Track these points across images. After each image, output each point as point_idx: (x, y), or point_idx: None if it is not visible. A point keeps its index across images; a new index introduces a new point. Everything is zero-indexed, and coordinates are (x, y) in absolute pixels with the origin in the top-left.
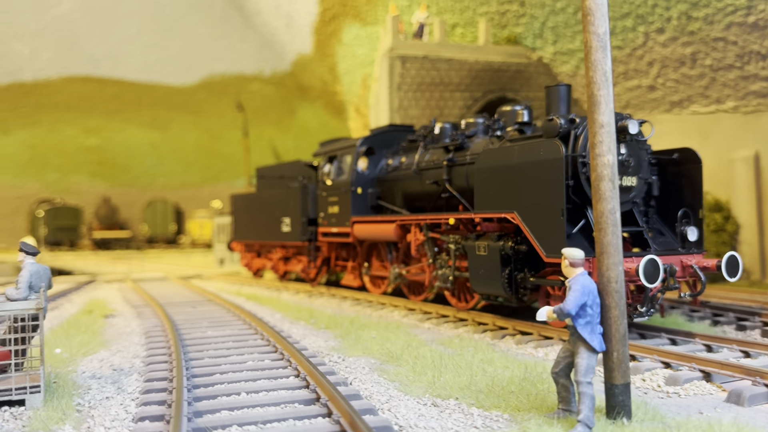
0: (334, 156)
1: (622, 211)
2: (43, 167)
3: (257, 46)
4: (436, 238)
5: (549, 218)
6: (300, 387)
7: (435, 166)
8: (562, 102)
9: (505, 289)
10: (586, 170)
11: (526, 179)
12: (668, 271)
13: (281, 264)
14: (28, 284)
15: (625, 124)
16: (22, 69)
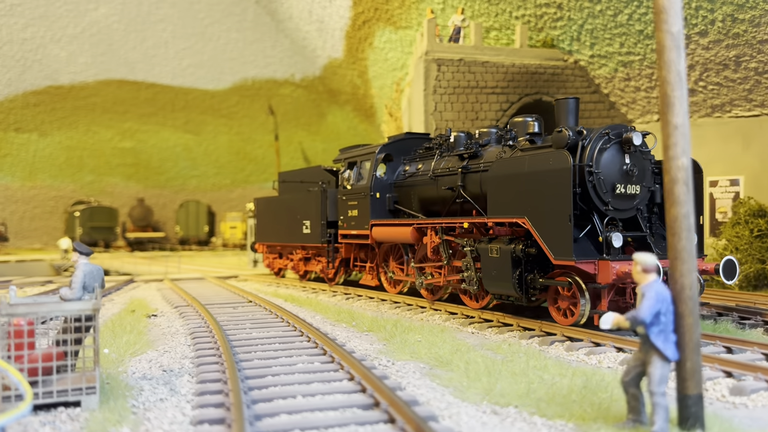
0: (354, 162)
1: (627, 218)
2: (79, 169)
3: (288, 50)
4: (450, 241)
5: (557, 223)
6: (355, 391)
7: (450, 173)
8: (570, 114)
9: (515, 289)
10: (592, 179)
11: (536, 187)
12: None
13: (301, 264)
14: (82, 284)
15: (629, 136)
16: (59, 72)
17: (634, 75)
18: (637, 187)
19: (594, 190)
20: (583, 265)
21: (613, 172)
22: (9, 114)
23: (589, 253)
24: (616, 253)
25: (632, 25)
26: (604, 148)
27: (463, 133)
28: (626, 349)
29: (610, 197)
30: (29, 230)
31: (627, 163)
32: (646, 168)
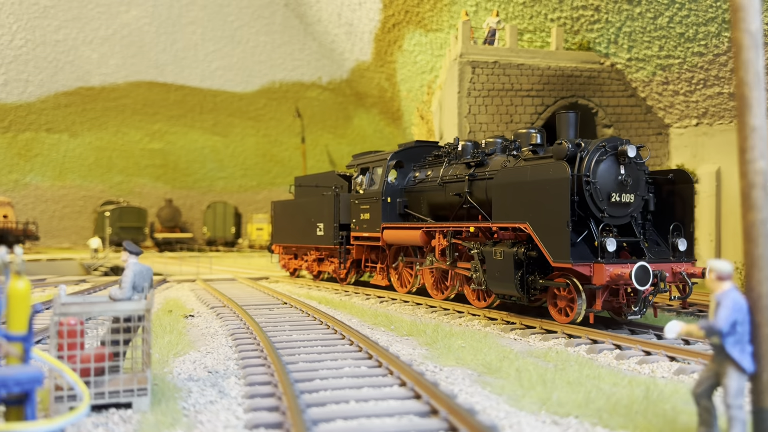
0: (366, 168)
1: (622, 224)
2: (108, 169)
3: (316, 54)
4: (457, 244)
5: (556, 228)
6: (408, 397)
7: (457, 180)
8: (570, 127)
9: (517, 290)
10: (590, 188)
11: (537, 195)
12: (659, 276)
13: (315, 265)
14: (132, 284)
15: (624, 149)
16: (91, 74)
17: (673, 79)
18: (632, 195)
19: (591, 198)
20: (580, 268)
21: (609, 181)
22: (41, 114)
23: (585, 256)
24: (610, 257)
25: (672, 27)
26: (600, 160)
27: (470, 142)
28: (679, 358)
29: (606, 205)
30: (58, 229)
31: (622, 174)
32: (640, 178)
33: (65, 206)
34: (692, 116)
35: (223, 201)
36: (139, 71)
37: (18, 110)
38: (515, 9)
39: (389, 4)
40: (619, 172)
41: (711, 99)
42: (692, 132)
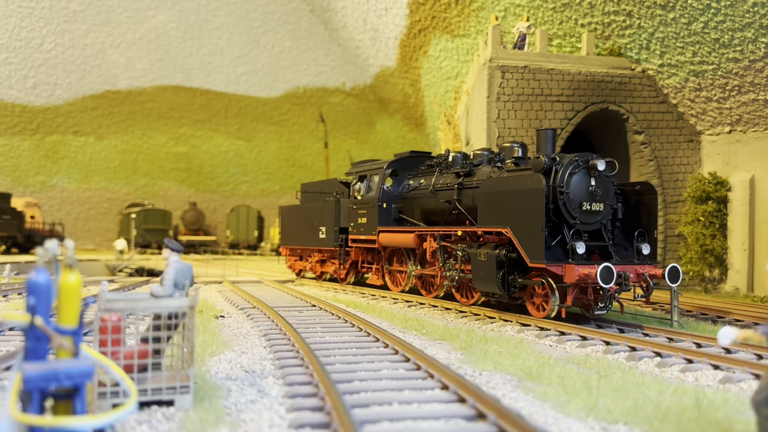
0: (364, 175)
1: (592, 230)
2: (133, 172)
3: (340, 59)
4: (446, 246)
5: (533, 233)
6: (452, 401)
7: (447, 188)
8: (548, 143)
9: (499, 288)
10: (563, 197)
11: (517, 202)
12: (623, 277)
13: (318, 266)
14: (173, 281)
15: (594, 163)
16: (118, 77)
17: (706, 85)
18: (601, 204)
19: (564, 206)
20: (553, 268)
21: (581, 192)
22: (68, 117)
23: (558, 258)
24: (579, 259)
25: (707, 33)
26: (573, 172)
27: (459, 153)
28: (723, 366)
29: (578, 213)
30: (83, 231)
31: (592, 185)
32: (609, 189)
33: (91, 208)
34: (725, 123)
35: (246, 205)
36: (165, 75)
37: (46, 113)
38: (545, 14)
39: (416, 9)
40: (590, 183)
41: (745, 106)
42: (725, 139)
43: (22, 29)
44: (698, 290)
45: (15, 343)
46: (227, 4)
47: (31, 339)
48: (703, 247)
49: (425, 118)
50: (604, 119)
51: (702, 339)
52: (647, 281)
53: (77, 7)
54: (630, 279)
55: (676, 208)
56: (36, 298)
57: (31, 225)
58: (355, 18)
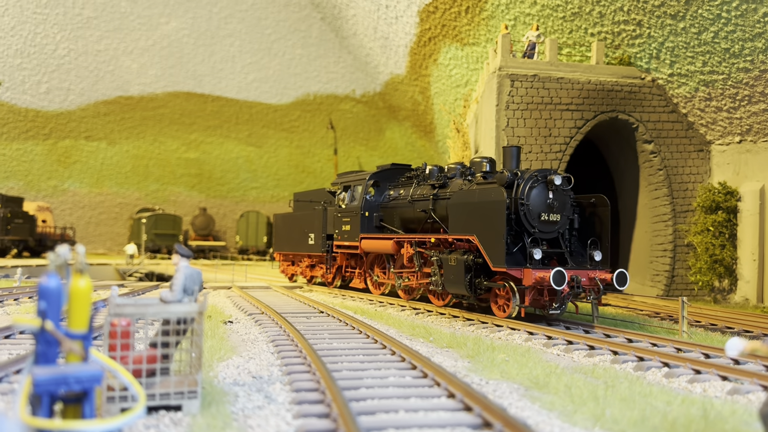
0: (348, 186)
1: (550, 239)
2: (144, 177)
3: (350, 67)
4: (422, 252)
5: (496, 240)
6: (458, 409)
7: (424, 199)
8: (513, 159)
9: (467, 290)
10: (524, 209)
11: (482, 213)
12: (575, 280)
13: (308, 270)
14: (183, 287)
15: (552, 178)
16: (130, 83)
17: (716, 95)
18: (558, 215)
19: (524, 217)
20: (513, 272)
21: (540, 204)
22: (81, 122)
23: (518, 263)
24: (536, 264)
25: (717, 43)
26: (533, 186)
27: (435, 167)
28: (731, 378)
29: (537, 223)
30: (94, 235)
31: (550, 198)
32: (566, 202)
33: (102, 212)
34: (735, 133)
35: (255, 210)
36: (177, 82)
37: (59, 118)
38: (555, 23)
39: (426, 18)
40: (548, 196)
41: (756, 116)
42: (735, 149)
43: (36, 35)
44: (707, 300)
45: (25, 347)
46: (239, 12)
47: (42, 343)
48: (713, 257)
49: (434, 125)
50: (614, 128)
51: (710, 350)
52: (597, 285)
53: (91, 14)
54: (582, 282)
55: (685, 218)
56: (47, 303)
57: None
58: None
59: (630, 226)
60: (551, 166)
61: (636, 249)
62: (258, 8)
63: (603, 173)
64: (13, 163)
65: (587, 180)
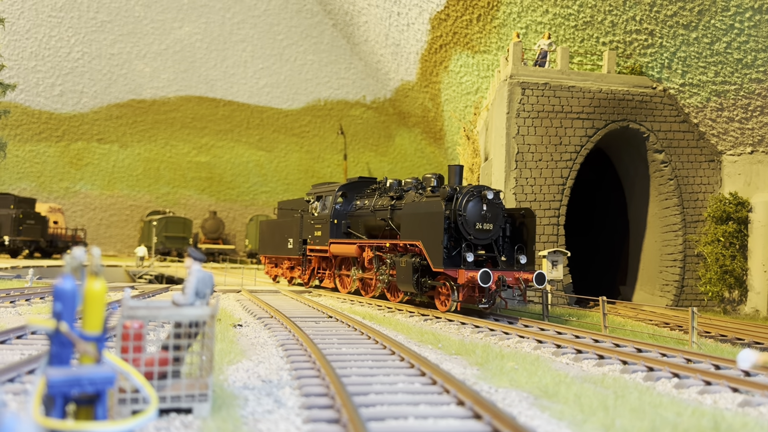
0: (320, 196)
1: (486, 244)
2: (155, 180)
3: (361, 73)
4: (380, 255)
5: (436, 245)
6: (468, 417)
7: (383, 209)
8: (456, 176)
9: (415, 288)
10: (461, 219)
11: (426, 222)
12: (501, 279)
13: (288, 272)
14: (195, 290)
15: (485, 193)
16: (143, 87)
17: (728, 105)
18: (491, 224)
19: (462, 225)
20: (450, 272)
21: (475, 214)
22: (93, 125)
23: (455, 264)
24: (469, 265)
25: (730, 53)
26: (470, 200)
27: (395, 180)
28: (742, 389)
29: (473, 231)
30: (105, 237)
31: (484, 210)
32: (499, 213)
33: (113, 215)
34: (747, 144)
35: (265, 215)
36: (189, 86)
37: (72, 120)
38: (567, 32)
39: (437, 25)
40: (482, 208)
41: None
42: (746, 160)
43: (51, 38)
44: (717, 311)
45: (37, 347)
46: (252, 17)
47: (56, 344)
48: (723, 268)
49: (444, 132)
50: (625, 137)
51: (721, 361)
52: (521, 284)
53: (105, 18)
54: (508, 281)
55: (695, 228)
56: (62, 304)
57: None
58: (377, 32)
59: (640, 236)
60: (561, 175)
61: (646, 259)
62: (270, 14)
63: (613, 182)
64: (26, 165)
65: (598, 189)
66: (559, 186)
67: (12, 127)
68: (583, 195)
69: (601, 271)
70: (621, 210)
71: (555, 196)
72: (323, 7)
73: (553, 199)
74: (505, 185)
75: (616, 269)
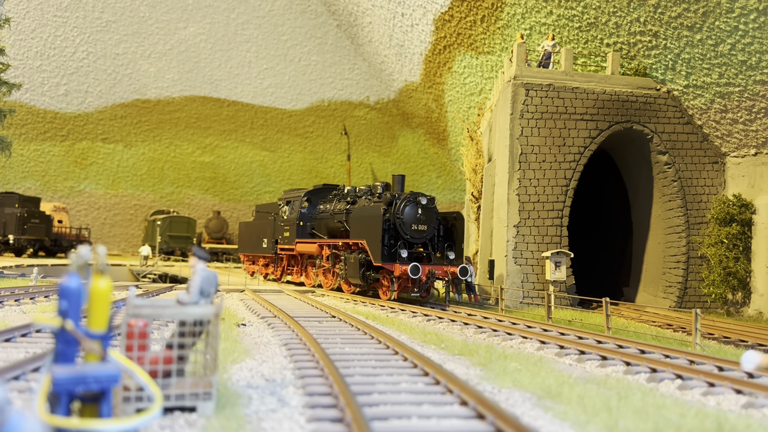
0: (289, 201)
1: (421, 242)
2: (159, 180)
3: (365, 74)
4: (336, 253)
5: (376, 243)
6: (471, 417)
7: (340, 212)
8: (399, 185)
9: (361, 280)
10: (399, 221)
11: (369, 223)
12: (431, 272)
13: (263, 268)
14: (199, 289)
15: (419, 199)
16: (147, 87)
17: (732, 107)
18: (426, 226)
19: (400, 227)
20: (387, 266)
21: (411, 217)
22: (98, 124)
23: (391, 259)
24: (403, 261)
25: (734, 55)
26: (406, 205)
27: (352, 188)
28: (745, 391)
29: (409, 231)
30: (109, 236)
31: (419, 213)
32: (432, 216)
33: (117, 214)
34: (751, 145)
35: None
36: (194, 86)
37: (76, 120)
38: (570, 33)
39: (441, 26)
40: (418, 212)
41: None
42: (750, 161)
43: (56, 38)
44: (720, 313)
45: (41, 345)
46: (256, 18)
47: (62, 342)
48: (726, 270)
49: (448, 133)
50: (628, 139)
51: (724, 363)
52: (449, 276)
53: (110, 18)
54: (437, 274)
55: (699, 230)
56: (67, 302)
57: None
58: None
59: (643, 237)
60: (565, 176)
61: (649, 260)
62: (275, 15)
63: (617, 184)
64: (31, 164)
65: (601, 190)
66: (562, 187)
67: (17, 126)
68: (587, 196)
69: (604, 273)
70: (624, 211)
71: (558, 197)
72: (327, 8)
73: (557, 200)
74: (508, 186)
75: (619, 271)
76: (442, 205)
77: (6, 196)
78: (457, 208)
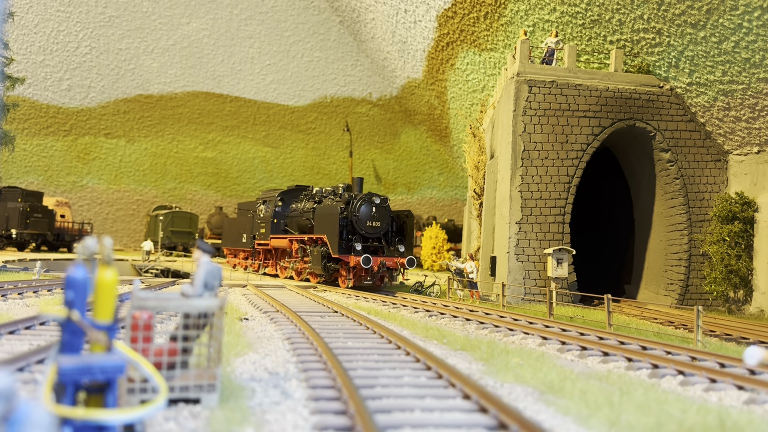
0: (265, 200)
1: (376, 237)
2: (162, 175)
3: (368, 70)
4: (303, 247)
5: (334, 238)
6: (474, 410)
7: (308, 211)
8: (358, 186)
9: (323, 270)
10: (355, 218)
11: (328, 220)
12: (382, 263)
13: (243, 261)
14: (203, 282)
15: (374, 198)
16: (150, 82)
17: (735, 105)
18: (380, 222)
19: (356, 223)
20: (344, 258)
21: (366, 215)
22: (101, 120)
23: (347, 252)
24: (358, 253)
25: (738, 53)
26: (362, 204)
27: (321, 188)
28: (747, 387)
29: (364, 227)
30: (111, 231)
31: (373, 211)
32: (385, 214)
33: (119, 209)
34: (754, 143)
35: None
36: (196, 82)
37: (79, 115)
38: (574, 30)
39: (444, 23)
40: (372, 210)
41: None
42: (753, 159)
43: (59, 33)
44: (722, 311)
45: (45, 338)
46: (259, 14)
47: (68, 332)
48: (728, 268)
49: (450, 130)
50: (631, 136)
51: (726, 359)
52: (398, 266)
53: (113, 13)
54: (388, 265)
55: (701, 228)
56: (74, 293)
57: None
58: (384, 30)
59: (645, 235)
60: (567, 173)
61: (651, 257)
62: (278, 11)
63: (619, 181)
64: (34, 159)
65: (603, 187)
66: (564, 184)
67: (20, 120)
68: (589, 193)
69: (606, 270)
70: (627, 209)
71: (561, 194)
72: (330, 4)
73: (559, 197)
74: (510, 183)
75: (621, 268)
76: (444, 202)
77: (9, 191)
78: (459, 206)
